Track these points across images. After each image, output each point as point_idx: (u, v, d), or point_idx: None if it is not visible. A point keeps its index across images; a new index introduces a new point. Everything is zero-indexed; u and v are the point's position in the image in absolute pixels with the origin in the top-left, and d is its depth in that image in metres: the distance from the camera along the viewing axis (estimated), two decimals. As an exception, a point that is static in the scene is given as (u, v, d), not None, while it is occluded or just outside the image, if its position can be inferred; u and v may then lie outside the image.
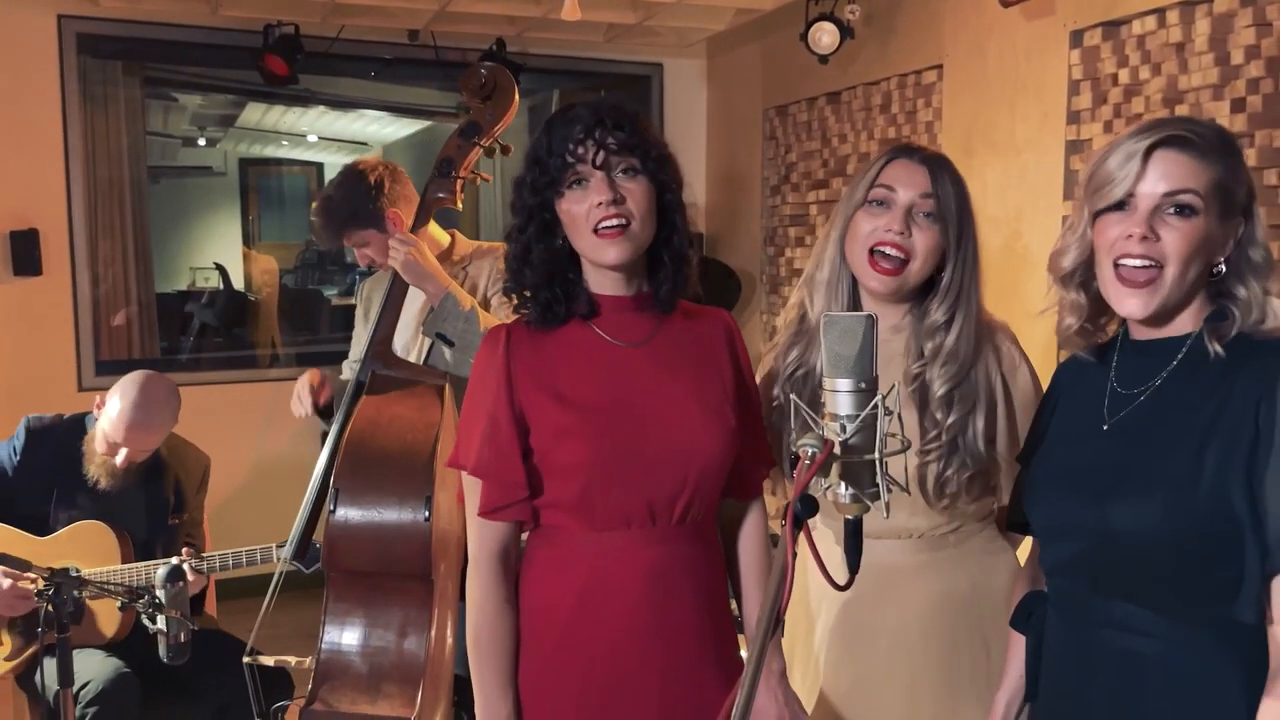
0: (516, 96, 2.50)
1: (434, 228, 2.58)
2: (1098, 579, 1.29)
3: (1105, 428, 1.32)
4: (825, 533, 1.81)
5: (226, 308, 6.20)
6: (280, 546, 2.66)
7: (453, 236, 2.67)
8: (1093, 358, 1.39)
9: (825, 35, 3.76)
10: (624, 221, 1.44)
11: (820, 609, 1.80)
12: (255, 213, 9.17)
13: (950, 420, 1.58)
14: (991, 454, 1.65)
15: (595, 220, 1.43)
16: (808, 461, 1.06)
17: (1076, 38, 3.12)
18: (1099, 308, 1.36)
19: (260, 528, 2.86)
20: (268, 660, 2.30)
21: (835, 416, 1.12)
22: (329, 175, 9.58)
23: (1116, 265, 1.27)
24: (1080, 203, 1.33)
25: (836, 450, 1.09)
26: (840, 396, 1.12)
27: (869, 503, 1.12)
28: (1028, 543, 1.71)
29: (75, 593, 2.04)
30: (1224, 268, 1.27)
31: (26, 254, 4.12)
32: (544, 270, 1.49)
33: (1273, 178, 2.58)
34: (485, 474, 1.47)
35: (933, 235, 1.61)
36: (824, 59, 3.83)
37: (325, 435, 4.63)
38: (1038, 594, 1.44)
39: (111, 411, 2.59)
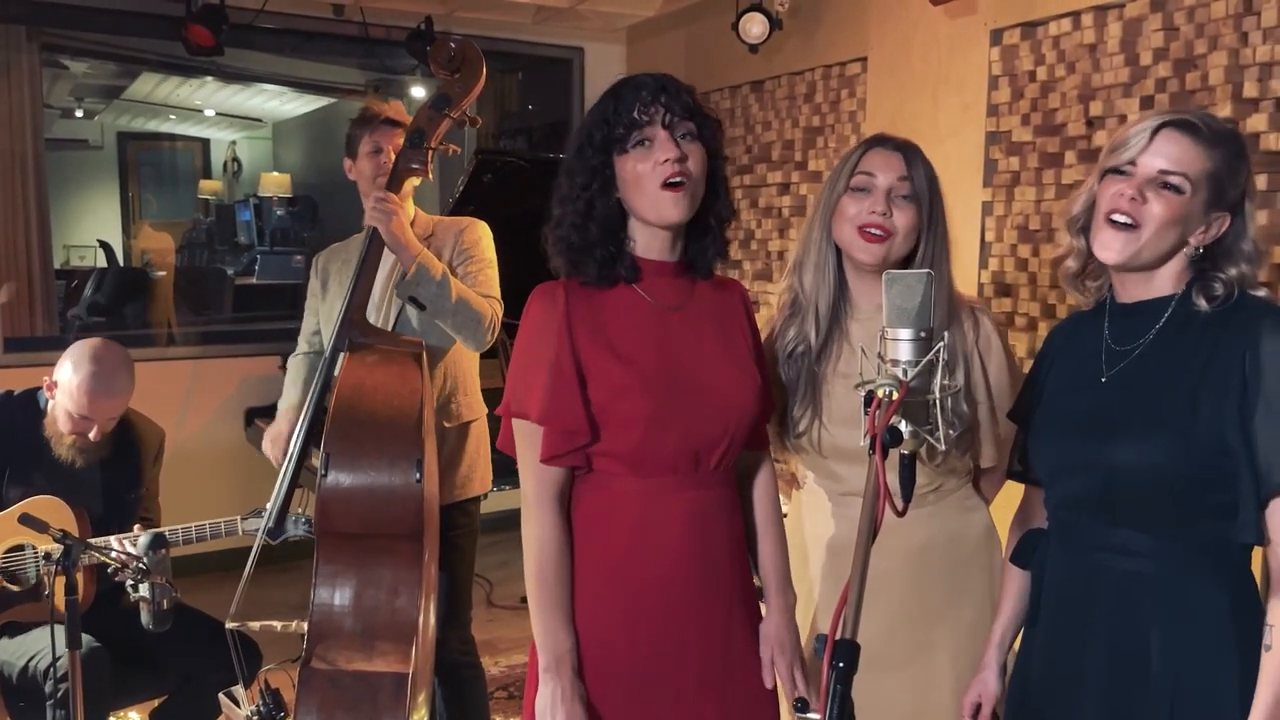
0: (484, 70, 2.56)
1: None
2: (1101, 510, 1.47)
3: (1104, 380, 1.50)
4: (817, 490, 1.96)
5: (121, 285, 5.99)
6: (245, 519, 2.66)
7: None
8: (1088, 311, 1.57)
9: (756, 25, 3.93)
10: (684, 179, 1.54)
11: (812, 553, 1.95)
12: (135, 189, 8.82)
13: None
14: (973, 414, 1.83)
15: (662, 176, 1.53)
16: (885, 400, 1.19)
17: (996, 36, 3.36)
18: (1090, 257, 1.54)
19: (173, 505, 2.88)
20: (254, 625, 2.31)
21: (896, 362, 1.26)
22: (215, 152, 9.28)
23: (1107, 218, 1.46)
24: (1099, 163, 1.51)
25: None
26: (901, 344, 1.27)
27: (926, 437, 1.26)
28: (1004, 498, 1.90)
29: (83, 556, 2.02)
30: (1201, 250, 1.45)
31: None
32: (604, 226, 1.58)
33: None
34: (549, 421, 1.55)
35: (911, 214, 1.77)
36: (754, 48, 4.00)
37: (248, 414, 4.57)
38: (1038, 531, 1.62)
39: (70, 386, 2.53)
